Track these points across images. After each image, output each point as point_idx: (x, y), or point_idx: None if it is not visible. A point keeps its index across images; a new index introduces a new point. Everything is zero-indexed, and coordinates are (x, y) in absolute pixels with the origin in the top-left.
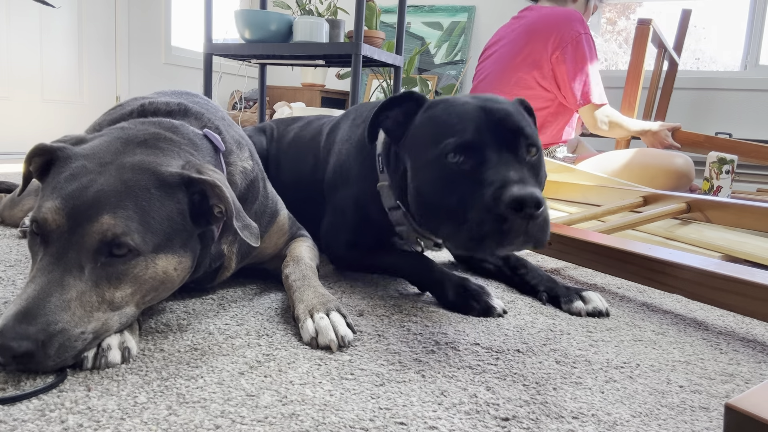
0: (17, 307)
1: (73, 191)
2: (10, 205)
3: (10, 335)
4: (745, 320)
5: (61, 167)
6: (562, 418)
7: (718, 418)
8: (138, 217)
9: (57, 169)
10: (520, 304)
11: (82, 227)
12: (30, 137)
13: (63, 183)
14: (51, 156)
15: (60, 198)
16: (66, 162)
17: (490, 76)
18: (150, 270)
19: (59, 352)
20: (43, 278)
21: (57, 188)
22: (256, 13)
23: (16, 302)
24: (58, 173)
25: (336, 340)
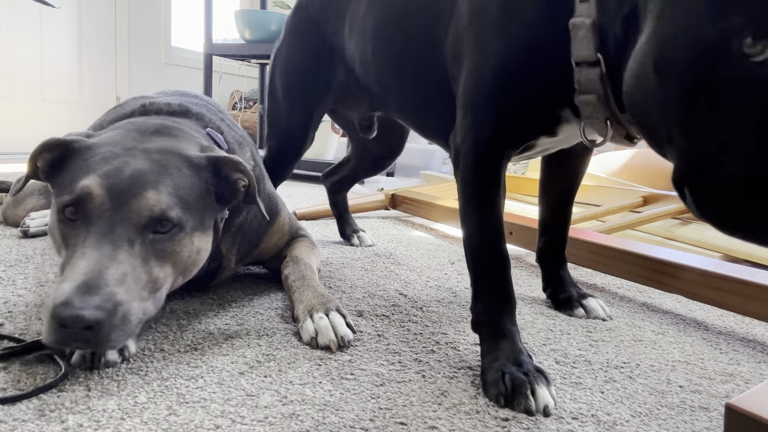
0: (75, 280)
1: (108, 170)
2: (11, 205)
3: (78, 305)
4: (745, 320)
5: (82, 156)
6: (561, 418)
7: (718, 418)
8: (177, 194)
9: (76, 159)
10: (520, 304)
11: (128, 203)
12: (30, 137)
13: (93, 165)
14: (64, 150)
15: (97, 176)
16: (85, 152)
17: None
18: (188, 247)
19: (122, 324)
20: (95, 253)
21: (88, 169)
22: (256, 13)
23: (72, 277)
24: (80, 161)
25: (336, 340)
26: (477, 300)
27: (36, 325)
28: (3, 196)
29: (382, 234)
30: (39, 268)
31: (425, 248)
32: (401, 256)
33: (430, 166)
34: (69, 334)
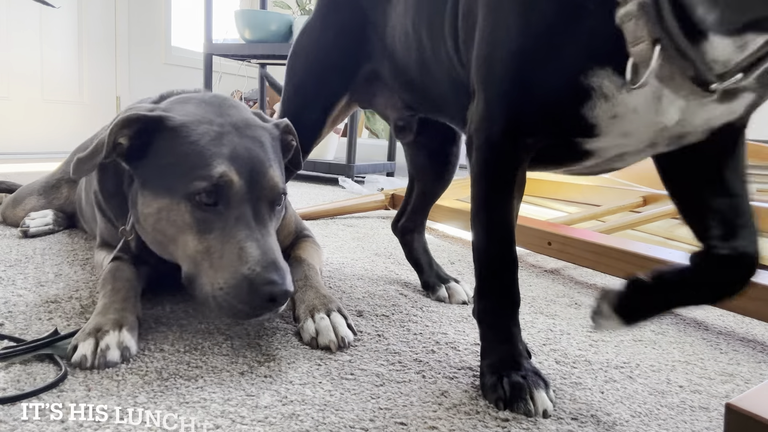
0: (266, 262)
1: (230, 154)
2: (11, 205)
3: (281, 283)
4: (745, 320)
5: (181, 136)
6: (561, 419)
7: (718, 418)
8: (279, 166)
9: (176, 139)
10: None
11: (258, 184)
12: (30, 137)
13: (210, 147)
14: (152, 126)
15: (228, 161)
16: (182, 130)
17: None
18: (290, 211)
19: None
20: (256, 235)
21: (208, 153)
22: (256, 13)
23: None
24: (185, 142)
25: (336, 341)
26: (480, 298)
27: (36, 325)
28: (2, 197)
29: (382, 234)
30: (39, 268)
31: None
32: (401, 256)
33: None
34: (268, 306)
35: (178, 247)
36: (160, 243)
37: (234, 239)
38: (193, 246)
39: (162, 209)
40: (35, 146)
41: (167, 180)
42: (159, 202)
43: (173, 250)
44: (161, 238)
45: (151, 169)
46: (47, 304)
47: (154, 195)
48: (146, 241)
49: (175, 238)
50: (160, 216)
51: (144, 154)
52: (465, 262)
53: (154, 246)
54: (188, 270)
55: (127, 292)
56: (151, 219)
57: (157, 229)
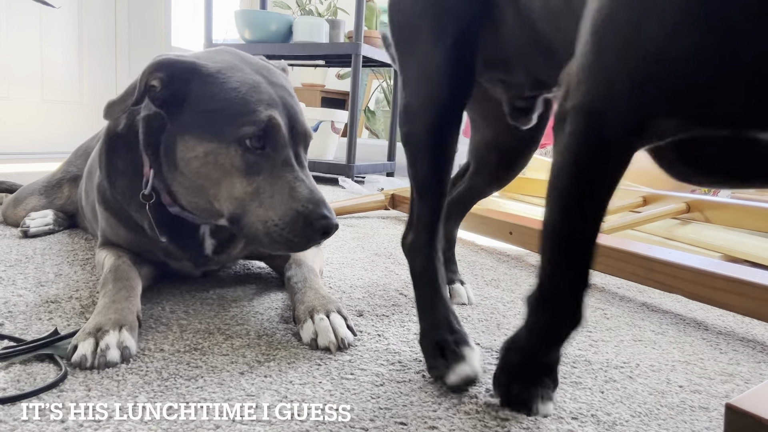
0: (316, 200)
1: (270, 100)
2: (12, 205)
3: (332, 217)
4: (745, 320)
5: (218, 78)
6: (561, 418)
7: (718, 418)
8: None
9: (213, 83)
10: (520, 303)
11: (297, 130)
12: (30, 137)
13: (252, 93)
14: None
15: (274, 107)
16: (218, 76)
17: None
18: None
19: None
20: (300, 175)
21: (252, 99)
22: (256, 13)
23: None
24: (226, 88)
25: (336, 341)
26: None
27: (36, 325)
28: (3, 196)
29: (382, 234)
30: (39, 268)
31: None
32: (401, 256)
33: None
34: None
35: (222, 189)
36: (200, 187)
37: (283, 180)
38: (242, 188)
39: (209, 153)
40: (35, 146)
41: (214, 125)
42: (206, 146)
43: (215, 192)
44: (203, 182)
45: (192, 115)
46: (47, 304)
47: (199, 140)
48: (179, 190)
49: (219, 181)
50: (207, 160)
51: (182, 100)
52: (465, 262)
53: (190, 193)
54: (234, 211)
55: (128, 291)
56: (195, 163)
57: (200, 173)
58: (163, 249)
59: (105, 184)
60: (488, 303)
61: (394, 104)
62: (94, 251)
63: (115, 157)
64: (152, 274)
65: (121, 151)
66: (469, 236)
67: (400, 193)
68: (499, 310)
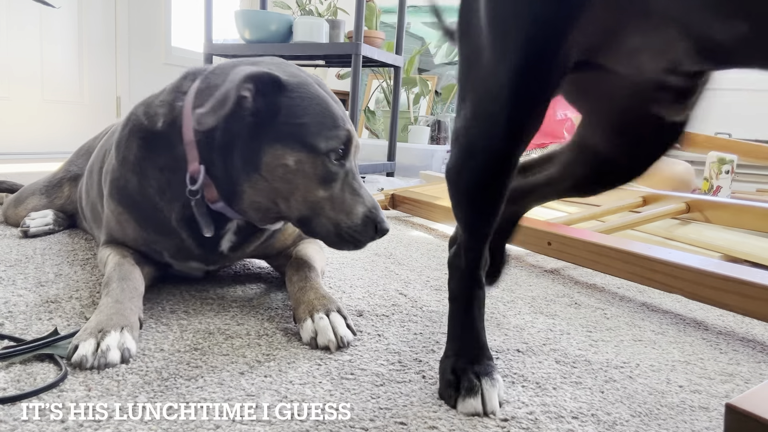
0: (374, 205)
1: (343, 116)
2: (13, 204)
3: (385, 220)
4: (745, 320)
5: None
6: (561, 418)
7: (718, 418)
8: None
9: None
10: (520, 303)
11: (356, 145)
12: (30, 137)
13: (332, 108)
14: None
15: (346, 123)
16: (301, 90)
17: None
18: None
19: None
20: (361, 182)
21: (336, 114)
22: (256, 13)
23: (370, 203)
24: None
25: (335, 340)
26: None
27: (36, 325)
28: (3, 196)
29: None
30: (39, 268)
31: (425, 248)
32: (401, 256)
33: (430, 166)
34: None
35: (298, 194)
36: (276, 190)
37: (351, 187)
38: (319, 194)
39: (300, 162)
40: (35, 146)
41: (305, 137)
42: (297, 156)
43: (288, 196)
44: (283, 186)
45: (284, 126)
46: (47, 304)
47: (290, 149)
48: (248, 191)
49: (299, 186)
50: (296, 168)
51: (274, 112)
52: None
53: (261, 194)
54: (305, 213)
55: (132, 292)
56: (281, 170)
57: (285, 178)
58: (174, 246)
59: (130, 179)
60: (488, 303)
61: (395, 104)
62: (96, 250)
63: (152, 153)
64: (153, 274)
65: (160, 148)
66: None
67: (400, 193)
68: (499, 310)
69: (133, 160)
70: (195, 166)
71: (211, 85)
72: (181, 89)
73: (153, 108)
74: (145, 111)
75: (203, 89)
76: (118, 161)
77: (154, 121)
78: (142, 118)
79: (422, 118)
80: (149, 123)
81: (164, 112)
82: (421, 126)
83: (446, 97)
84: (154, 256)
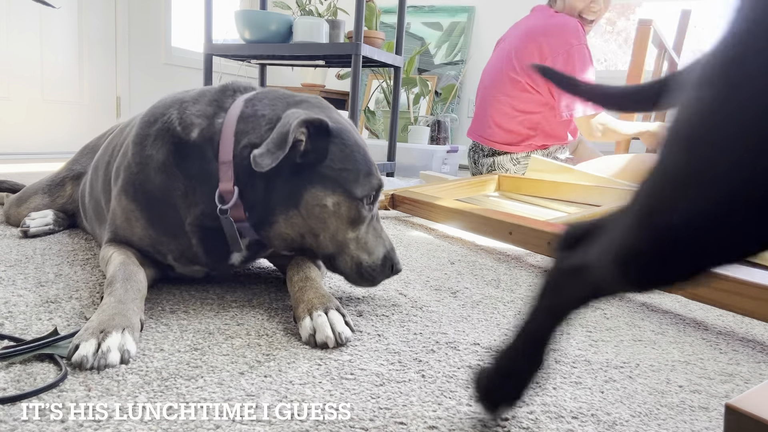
0: (390, 245)
1: (374, 163)
2: (15, 204)
3: (399, 260)
4: (745, 320)
5: (344, 142)
6: (561, 417)
7: (718, 418)
8: None
9: (342, 144)
10: (520, 303)
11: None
12: (30, 137)
13: (367, 154)
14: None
15: (377, 170)
16: (342, 136)
17: (492, 72)
18: None
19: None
20: (382, 225)
21: (370, 161)
22: (256, 13)
23: (387, 242)
24: (351, 148)
25: (333, 336)
26: None
27: (36, 325)
28: (4, 196)
29: None
30: (39, 268)
31: (425, 248)
32: (401, 256)
33: (430, 166)
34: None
35: (328, 232)
36: (309, 227)
37: (375, 230)
38: (348, 234)
39: (337, 204)
40: (35, 146)
41: (345, 182)
42: (335, 198)
43: (319, 233)
44: (316, 224)
45: (328, 170)
46: (47, 304)
47: (331, 191)
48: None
49: (330, 226)
50: (333, 210)
51: (322, 156)
52: (465, 262)
53: (293, 227)
54: (331, 251)
55: (135, 293)
56: (318, 210)
57: (320, 218)
58: (181, 249)
59: (153, 178)
60: (488, 303)
61: (394, 104)
62: (100, 248)
63: (182, 161)
64: (154, 276)
65: (192, 157)
66: (469, 236)
67: (400, 193)
68: (499, 310)
69: (162, 161)
70: (228, 186)
71: (258, 115)
72: (221, 105)
73: (188, 116)
74: (179, 117)
75: (250, 116)
76: (140, 158)
77: (189, 130)
78: (175, 123)
79: (422, 119)
80: (183, 131)
81: (201, 124)
82: (421, 126)
83: (446, 97)
84: (157, 258)
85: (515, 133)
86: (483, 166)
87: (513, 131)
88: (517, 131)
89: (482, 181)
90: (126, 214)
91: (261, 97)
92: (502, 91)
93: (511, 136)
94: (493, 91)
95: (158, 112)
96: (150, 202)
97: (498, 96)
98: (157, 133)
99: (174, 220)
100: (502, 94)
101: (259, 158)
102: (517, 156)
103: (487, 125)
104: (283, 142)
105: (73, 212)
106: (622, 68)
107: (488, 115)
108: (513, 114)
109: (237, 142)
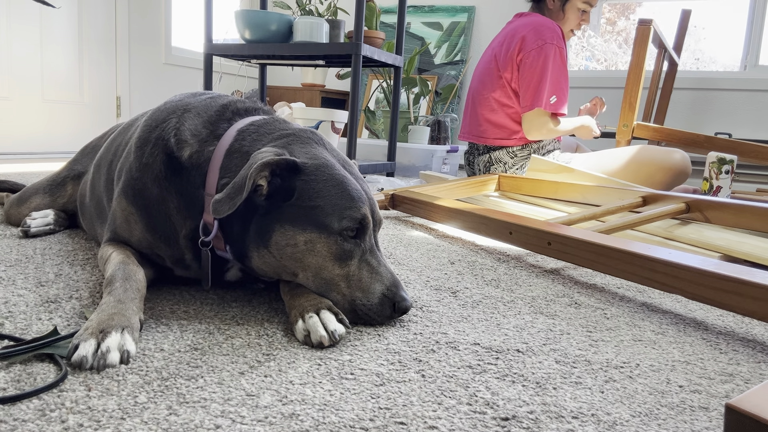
0: (396, 283)
1: (359, 195)
2: (15, 203)
3: (407, 297)
4: (745, 320)
5: (316, 175)
6: (562, 417)
7: (718, 418)
8: None
9: (315, 180)
10: (520, 303)
11: (376, 219)
12: (30, 137)
13: (348, 189)
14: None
15: (364, 203)
16: (318, 174)
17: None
18: None
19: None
20: (381, 259)
21: (351, 196)
22: (256, 13)
23: (392, 280)
24: (325, 183)
25: (326, 335)
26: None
27: (36, 325)
28: (4, 196)
29: (382, 234)
30: (39, 268)
31: (425, 248)
32: (401, 256)
33: (430, 166)
34: (398, 316)
35: (309, 271)
36: (284, 266)
37: (369, 265)
38: (334, 271)
39: (309, 242)
40: (35, 146)
41: (317, 218)
42: (306, 236)
43: (296, 271)
44: (291, 264)
45: (296, 209)
46: (47, 304)
47: (300, 230)
48: (256, 259)
49: (308, 264)
50: (306, 248)
51: (287, 195)
52: (465, 262)
53: (267, 265)
54: (318, 289)
55: (134, 293)
56: (290, 250)
57: (293, 257)
58: (176, 258)
59: (150, 187)
60: (488, 303)
61: (394, 104)
62: (99, 248)
63: (174, 176)
64: (153, 277)
65: (183, 177)
66: (469, 236)
67: (400, 193)
68: (500, 310)
69: (156, 173)
70: (210, 218)
71: (242, 151)
72: (215, 130)
73: (184, 132)
74: (176, 129)
75: (235, 152)
76: (140, 164)
77: (181, 147)
78: (171, 135)
79: (422, 118)
80: (176, 145)
81: (192, 146)
82: (420, 126)
83: (446, 97)
84: (156, 260)
85: (506, 127)
86: (480, 164)
87: (504, 126)
88: (506, 125)
89: (482, 181)
90: (126, 216)
91: (252, 130)
92: (488, 88)
93: (503, 131)
94: (481, 90)
95: (160, 117)
96: (148, 209)
97: (484, 93)
98: (155, 140)
99: (170, 229)
100: (488, 91)
101: (216, 204)
102: (513, 149)
103: (478, 123)
104: (241, 187)
105: (74, 212)
106: (623, 68)
107: (478, 114)
108: (498, 108)
109: (221, 177)
